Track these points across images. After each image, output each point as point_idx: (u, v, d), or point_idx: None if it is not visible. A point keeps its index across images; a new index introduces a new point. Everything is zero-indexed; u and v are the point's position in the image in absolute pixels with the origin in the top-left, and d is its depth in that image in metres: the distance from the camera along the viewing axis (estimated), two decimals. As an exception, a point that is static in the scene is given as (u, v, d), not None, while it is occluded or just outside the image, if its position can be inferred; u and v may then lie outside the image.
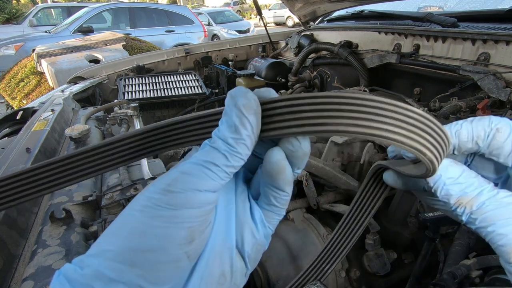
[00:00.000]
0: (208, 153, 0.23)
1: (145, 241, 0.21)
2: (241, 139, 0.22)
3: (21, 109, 1.46)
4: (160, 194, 0.22)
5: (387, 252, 0.85)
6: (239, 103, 0.22)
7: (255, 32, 10.00)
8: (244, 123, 0.22)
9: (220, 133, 0.23)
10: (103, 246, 0.22)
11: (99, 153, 0.27)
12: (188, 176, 0.22)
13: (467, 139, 0.26)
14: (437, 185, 0.26)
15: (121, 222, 0.23)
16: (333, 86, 1.91)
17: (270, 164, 0.24)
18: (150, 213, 0.22)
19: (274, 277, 0.81)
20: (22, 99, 3.61)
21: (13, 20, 8.79)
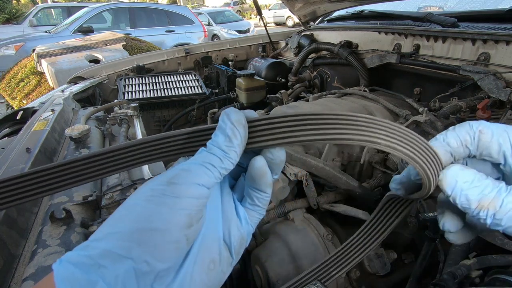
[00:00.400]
0: (206, 156, 0.27)
1: (152, 222, 0.24)
2: (232, 147, 0.27)
3: (21, 109, 1.46)
4: (164, 185, 0.25)
5: (387, 252, 0.85)
6: (232, 119, 0.27)
7: (255, 32, 10.00)
8: (235, 134, 0.27)
9: (215, 142, 0.28)
10: (109, 230, 0.24)
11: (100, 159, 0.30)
12: (189, 172, 0.26)
13: (457, 145, 0.28)
14: (455, 192, 0.26)
15: (127, 210, 0.25)
16: (333, 86, 1.91)
17: (254, 169, 0.29)
18: (156, 201, 0.25)
19: (274, 277, 0.81)
20: (22, 99, 3.61)
21: (13, 20, 8.80)
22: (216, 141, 0.28)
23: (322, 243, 0.86)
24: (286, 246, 0.85)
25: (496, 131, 0.27)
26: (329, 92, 1.57)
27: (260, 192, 0.31)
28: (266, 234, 0.91)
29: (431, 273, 0.80)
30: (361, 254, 0.35)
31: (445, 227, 0.30)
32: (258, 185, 0.30)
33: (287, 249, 0.85)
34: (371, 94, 1.36)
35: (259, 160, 0.29)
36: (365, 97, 1.36)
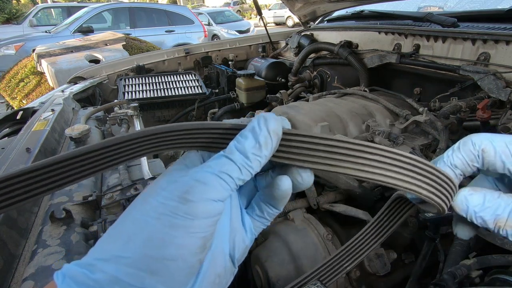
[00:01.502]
0: (224, 164, 0.24)
1: (165, 250, 0.22)
2: (258, 157, 0.24)
3: (21, 109, 1.46)
4: (177, 202, 0.23)
5: (387, 252, 0.85)
6: (270, 127, 0.25)
7: (255, 32, 10.00)
8: (267, 144, 0.25)
9: (241, 146, 0.25)
10: (117, 251, 0.22)
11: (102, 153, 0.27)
12: (204, 186, 0.23)
13: (464, 165, 0.28)
14: (469, 214, 0.27)
15: (136, 227, 0.23)
16: (333, 86, 1.91)
17: (279, 190, 0.27)
18: (168, 222, 0.23)
19: (274, 277, 0.81)
20: (22, 99, 3.61)
21: (13, 20, 8.80)
22: (243, 145, 0.25)
23: (322, 243, 0.86)
24: (286, 246, 0.85)
25: (498, 148, 0.27)
26: (329, 92, 1.57)
27: (274, 209, 0.29)
28: (266, 234, 0.91)
29: (431, 273, 0.80)
30: (365, 253, 0.35)
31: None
32: (276, 204, 0.29)
33: (287, 249, 0.85)
34: (371, 94, 1.36)
35: (287, 182, 0.27)
36: (365, 97, 1.36)
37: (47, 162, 0.22)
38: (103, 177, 0.96)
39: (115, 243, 0.23)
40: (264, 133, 0.24)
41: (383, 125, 1.18)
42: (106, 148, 0.24)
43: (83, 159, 0.23)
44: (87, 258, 0.23)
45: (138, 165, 0.97)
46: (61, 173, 0.23)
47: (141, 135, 0.25)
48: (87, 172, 0.24)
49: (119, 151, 0.25)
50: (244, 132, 0.25)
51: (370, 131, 1.10)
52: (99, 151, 0.24)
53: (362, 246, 0.35)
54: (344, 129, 1.16)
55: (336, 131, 1.14)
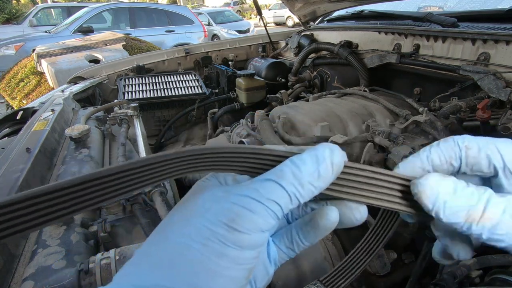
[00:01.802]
0: (273, 191, 0.22)
1: (214, 281, 0.21)
2: (313, 188, 0.22)
3: (21, 109, 1.46)
4: (223, 229, 0.21)
5: (387, 252, 0.85)
6: (335, 159, 0.23)
7: (255, 32, 9.99)
8: (326, 178, 0.23)
9: (298, 171, 0.22)
10: (159, 279, 0.20)
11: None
12: (252, 215, 0.21)
13: (440, 163, 0.26)
14: (437, 206, 0.23)
15: (179, 252, 0.21)
16: (333, 86, 1.91)
17: (327, 221, 0.25)
18: (215, 251, 0.21)
19: (274, 277, 0.81)
20: (22, 99, 3.61)
21: (13, 20, 8.80)
22: (300, 169, 0.22)
23: (322, 243, 0.86)
24: (286, 246, 0.85)
25: (482, 145, 0.25)
26: (329, 92, 1.57)
27: (307, 242, 0.27)
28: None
29: (431, 273, 0.80)
30: (371, 257, 0.34)
31: (460, 256, 0.27)
32: (312, 236, 0.26)
33: (287, 249, 0.85)
34: (371, 94, 1.36)
35: (335, 215, 0.25)
36: (365, 97, 1.36)
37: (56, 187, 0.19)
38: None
39: (156, 269, 0.21)
40: (327, 163, 0.22)
41: (383, 125, 1.18)
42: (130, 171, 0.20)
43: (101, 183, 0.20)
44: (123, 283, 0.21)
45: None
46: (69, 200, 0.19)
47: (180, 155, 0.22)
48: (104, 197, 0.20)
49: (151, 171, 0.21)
50: (303, 156, 0.23)
51: (370, 131, 1.10)
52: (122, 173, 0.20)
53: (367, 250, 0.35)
54: (344, 129, 1.16)
55: (336, 131, 1.14)
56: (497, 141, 0.25)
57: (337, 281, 0.35)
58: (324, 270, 0.83)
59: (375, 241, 0.35)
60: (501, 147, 0.24)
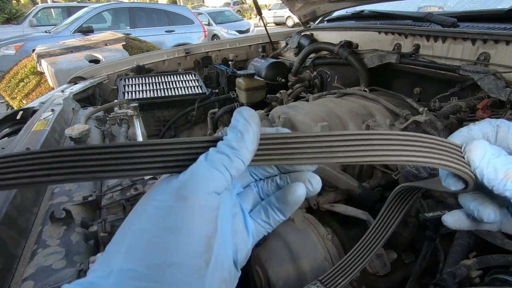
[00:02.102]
0: (215, 156, 0.24)
1: (169, 255, 0.21)
2: (243, 143, 0.24)
3: (21, 109, 1.46)
4: (172, 201, 0.22)
5: (387, 252, 0.85)
6: (245, 114, 0.25)
7: (255, 32, 9.99)
8: (248, 130, 0.24)
9: (226, 140, 0.25)
10: (118, 265, 0.21)
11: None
12: (199, 177, 0.23)
13: (480, 137, 0.29)
14: (482, 163, 0.27)
15: (136, 237, 0.22)
16: (333, 86, 1.91)
17: (295, 196, 0.28)
18: (166, 224, 0.21)
19: (274, 277, 0.81)
20: (22, 99, 3.61)
21: (13, 20, 8.80)
22: (227, 139, 0.25)
23: (322, 243, 0.86)
24: (286, 246, 0.85)
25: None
26: (329, 92, 1.57)
27: (282, 216, 0.30)
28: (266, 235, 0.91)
29: (431, 273, 0.80)
30: (370, 256, 0.34)
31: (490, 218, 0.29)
32: (284, 209, 0.29)
33: (287, 249, 0.85)
34: (371, 94, 1.36)
35: (302, 188, 0.28)
36: (365, 97, 1.36)
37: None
38: (103, 177, 0.96)
39: (115, 256, 0.22)
40: (241, 121, 0.25)
41: (383, 125, 1.18)
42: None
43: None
44: (88, 277, 0.22)
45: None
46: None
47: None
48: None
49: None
50: (227, 131, 0.25)
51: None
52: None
53: (367, 249, 0.35)
54: (344, 129, 1.16)
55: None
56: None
57: (337, 279, 0.35)
58: (324, 270, 0.83)
59: (374, 240, 0.35)
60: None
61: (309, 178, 0.29)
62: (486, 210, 0.29)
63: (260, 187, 0.32)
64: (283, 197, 0.29)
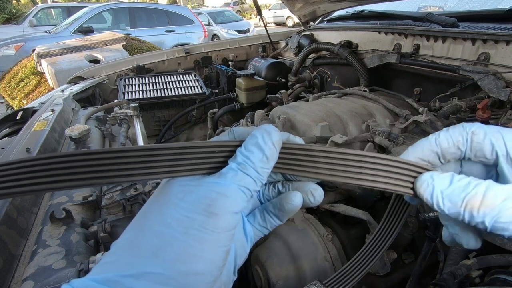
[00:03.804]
0: (242, 178, 0.25)
1: (196, 264, 0.22)
2: (267, 169, 0.26)
3: (21, 109, 1.46)
4: (203, 215, 0.23)
5: (387, 252, 0.85)
6: (274, 139, 0.26)
7: (255, 32, 9.99)
8: (273, 156, 0.26)
9: (251, 161, 0.25)
10: (146, 267, 0.22)
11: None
12: (227, 198, 0.24)
13: (448, 145, 0.27)
14: (435, 197, 0.25)
15: (161, 242, 0.23)
16: (333, 86, 1.91)
17: (291, 205, 0.29)
18: (197, 237, 0.23)
19: (274, 277, 0.81)
20: (22, 99, 3.61)
21: (13, 20, 8.80)
22: (252, 160, 0.25)
23: (322, 243, 0.86)
24: (286, 246, 0.85)
25: (489, 131, 0.26)
26: (329, 92, 1.57)
27: (279, 221, 0.30)
28: (266, 235, 0.91)
29: (431, 273, 0.80)
30: (374, 261, 0.34)
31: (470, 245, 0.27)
32: (282, 217, 0.30)
33: (287, 249, 0.85)
34: (371, 94, 1.36)
35: (299, 198, 0.29)
36: (365, 97, 1.36)
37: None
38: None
39: (141, 258, 0.22)
40: (269, 145, 0.25)
41: (383, 125, 1.18)
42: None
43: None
44: (107, 274, 0.22)
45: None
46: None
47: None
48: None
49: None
50: (249, 146, 0.26)
51: (370, 131, 1.10)
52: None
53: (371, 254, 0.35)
54: (344, 129, 1.16)
55: (336, 131, 1.14)
56: (504, 130, 0.26)
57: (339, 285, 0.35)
58: (324, 270, 0.83)
59: (379, 244, 0.35)
60: (506, 136, 0.25)
61: (311, 189, 0.29)
62: (465, 237, 0.27)
63: (261, 191, 0.32)
64: (280, 204, 0.29)
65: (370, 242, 0.35)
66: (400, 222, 0.34)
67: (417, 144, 0.28)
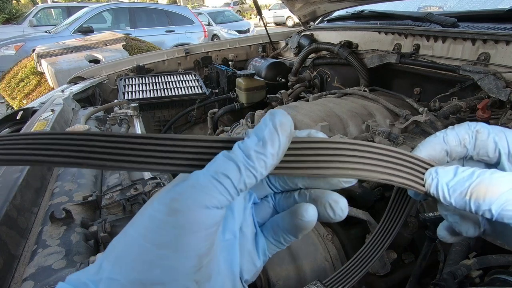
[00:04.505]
0: (222, 164, 0.20)
1: (154, 274, 0.19)
2: (262, 155, 0.20)
3: (21, 109, 1.46)
4: (163, 214, 0.20)
5: (387, 252, 0.85)
6: (276, 120, 0.21)
7: (255, 32, 9.99)
8: (274, 140, 0.21)
9: (243, 144, 0.21)
10: (109, 273, 0.20)
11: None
12: (195, 190, 0.20)
13: (455, 143, 0.27)
14: (441, 190, 0.24)
15: (125, 245, 0.21)
16: (333, 86, 1.91)
17: (303, 222, 0.24)
18: (155, 240, 0.20)
19: (274, 277, 0.81)
20: (22, 99, 3.61)
21: (13, 20, 8.80)
22: (245, 142, 0.21)
23: (322, 243, 0.86)
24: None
25: (492, 131, 0.26)
26: (329, 92, 1.57)
27: (293, 238, 0.26)
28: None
29: (431, 273, 0.80)
30: (374, 260, 0.34)
31: (469, 233, 0.27)
32: (295, 234, 0.25)
33: (287, 249, 0.85)
34: (371, 94, 1.36)
35: (313, 214, 0.24)
36: (365, 97, 1.36)
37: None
38: (103, 177, 0.96)
39: (107, 261, 0.21)
40: (269, 127, 0.21)
41: (383, 125, 1.18)
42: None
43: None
44: (83, 274, 0.22)
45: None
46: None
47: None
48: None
49: None
50: (249, 130, 0.22)
51: (370, 131, 1.10)
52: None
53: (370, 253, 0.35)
54: (344, 129, 1.16)
55: (336, 131, 1.14)
56: (507, 130, 0.26)
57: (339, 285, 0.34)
58: (324, 270, 0.83)
59: (379, 243, 0.35)
60: (509, 135, 0.26)
61: (330, 201, 0.24)
62: (464, 225, 0.27)
63: (277, 201, 0.28)
64: (290, 219, 0.25)
65: (370, 241, 0.35)
66: (400, 221, 0.34)
67: (427, 141, 0.28)
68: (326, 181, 0.24)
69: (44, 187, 0.87)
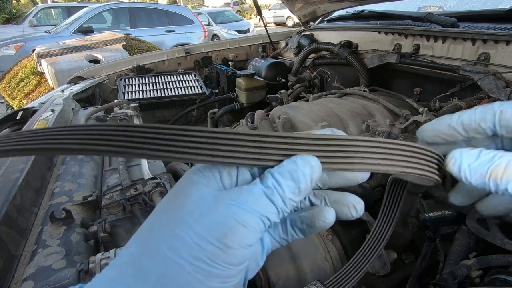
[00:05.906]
0: (266, 206, 0.22)
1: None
2: (294, 203, 0.23)
3: (21, 109, 1.46)
4: (214, 247, 0.20)
5: (387, 252, 0.85)
6: (314, 176, 0.23)
7: (255, 32, 9.99)
8: (305, 192, 0.23)
9: (282, 190, 0.22)
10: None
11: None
12: (245, 229, 0.21)
13: (469, 122, 0.28)
14: (463, 170, 0.26)
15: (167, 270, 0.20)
16: (333, 86, 1.91)
17: (324, 222, 0.26)
18: (204, 271, 0.20)
19: (274, 277, 0.81)
20: (22, 99, 3.61)
21: (13, 20, 8.80)
22: (283, 187, 0.22)
23: (322, 243, 0.86)
24: (286, 246, 0.85)
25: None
26: (329, 92, 1.57)
27: (301, 235, 0.27)
28: (266, 234, 0.91)
29: (431, 273, 0.80)
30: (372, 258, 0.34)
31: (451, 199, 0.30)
32: (308, 232, 0.27)
33: (287, 249, 0.85)
34: (371, 94, 1.36)
35: (332, 215, 0.26)
36: (365, 97, 1.36)
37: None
38: (103, 177, 0.96)
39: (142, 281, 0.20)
40: (305, 180, 0.22)
41: (383, 125, 1.18)
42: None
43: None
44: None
45: (138, 165, 0.98)
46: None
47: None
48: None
49: None
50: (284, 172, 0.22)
51: (370, 131, 1.10)
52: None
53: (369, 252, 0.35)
54: (344, 129, 1.16)
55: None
56: None
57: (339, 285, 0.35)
58: (324, 270, 0.83)
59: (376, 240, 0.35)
60: None
61: (354, 202, 0.26)
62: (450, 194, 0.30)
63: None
64: (310, 220, 0.26)
65: (368, 240, 0.35)
66: (395, 217, 0.34)
67: (435, 120, 0.29)
68: (343, 176, 0.26)
69: (44, 187, 0.87)
